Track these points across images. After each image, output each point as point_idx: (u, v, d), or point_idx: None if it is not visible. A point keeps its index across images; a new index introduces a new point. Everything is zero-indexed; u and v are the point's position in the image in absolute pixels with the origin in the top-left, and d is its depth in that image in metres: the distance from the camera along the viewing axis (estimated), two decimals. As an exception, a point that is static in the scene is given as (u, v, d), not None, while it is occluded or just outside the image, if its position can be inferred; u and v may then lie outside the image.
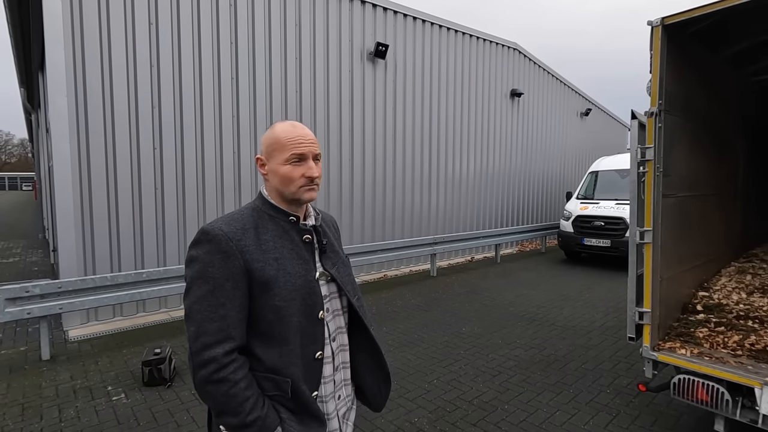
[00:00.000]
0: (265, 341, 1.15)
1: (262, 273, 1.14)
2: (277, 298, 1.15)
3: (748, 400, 2.33)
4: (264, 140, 1.23)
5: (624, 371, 3.90)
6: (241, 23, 5.97)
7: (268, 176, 1.23)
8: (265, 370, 1.15)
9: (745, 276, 3.77)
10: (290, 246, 1.22)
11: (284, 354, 1.16)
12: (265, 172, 1.23)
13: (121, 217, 5.19)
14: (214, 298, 1.09)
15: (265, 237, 1.19)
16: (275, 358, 1.15)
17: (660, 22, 2.62)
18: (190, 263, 1.13)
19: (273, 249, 1.18)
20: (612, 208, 8.69)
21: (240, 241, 1.14)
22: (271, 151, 1.21)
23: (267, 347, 1.15)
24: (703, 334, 2.80)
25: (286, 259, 1.19)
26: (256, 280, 1.14)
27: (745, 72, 4.14)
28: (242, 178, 6.16)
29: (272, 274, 1.15)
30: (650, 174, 2.65)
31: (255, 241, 1.16)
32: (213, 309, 1.09)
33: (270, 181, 1.23)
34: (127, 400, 3.39)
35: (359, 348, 1.37)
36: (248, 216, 1.21)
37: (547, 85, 12.12)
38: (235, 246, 1.13)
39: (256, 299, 1.14)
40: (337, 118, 7.19)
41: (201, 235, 1.14)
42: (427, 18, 8.43)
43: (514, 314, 5.57)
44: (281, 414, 1.15)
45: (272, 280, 1.14)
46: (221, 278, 1.10)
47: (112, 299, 4.60)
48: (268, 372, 1.15)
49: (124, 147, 5.17)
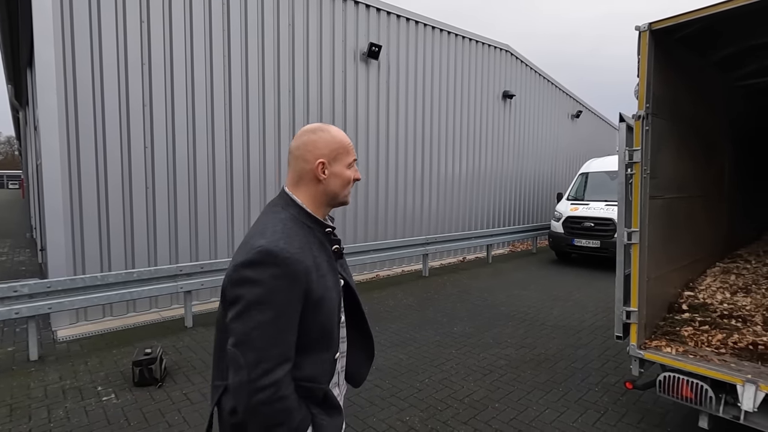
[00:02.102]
0: (304, 353, 1.15)
1: (315, 294, 1.13)
2: (323, 317, 1.16)
3: (731, 397, 2.39)
4: (324, 144, 1.20)
5: (612, 370, 3.97)
6: (234, 23, 5.95)
7: (329, 180, 1.21)
8: (302, 378, 1.16)
9: (730, 276, 3.85)
10: (326, 258, 1.21)
11: (320, 362, 1.19)
12: (326, 176, 1.21)
13: (111, 216, 5.14)
14: (279, 324, 1.06)
15: (314, 253, 1.16)
16: (313, 368, 1.17)
17: (647, 27, 2.67)
18: (249, 284, 1.06)
19: (320, 265, 1.17)
20: (602, 209, 8.80)
21: (304, 262, 1.11)
22: (336, 155, 1.21)
23: (305, 358, 1.16)
24: (688, 333, 2.86)
25: (327, 274, 1.19)
26: (311, 301, 1.13)
27: (731, 76, 4.22)
28: (234, 178, 6.14)
29: (321, 294, 1.15)
30: (637, 176, 2.71)
31: (312, 260, 1.14)
32: (276, 335, 1.06)
33: (328, 185, 1.22)
34: (117, 400, 3.37)
35: (355, 336, 1.40)
36: (298, 230, 1.16)
37: (538, 87, 12.23)
38: (301, 269, 1.09)
39: (306, 318, 1.13)
40: (330, 119, 7.20)
41: (264, 255, 1.06)
42: (420, 19, 8.47)
43: (505, 314, 5.62)
44: (312, 410, 1.18)
45: (321, 299, 1.15)
46: (286, 304, 1.07)
47: (101, 299, 4.57)
48: (304, 381, 1.16)
49: (115, 145, 5.13)
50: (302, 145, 1.21)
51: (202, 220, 5.86)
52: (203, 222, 5.87)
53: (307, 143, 1.21)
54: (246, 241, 1.14)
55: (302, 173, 1.22)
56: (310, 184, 1.22)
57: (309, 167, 1.20)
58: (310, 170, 1.21)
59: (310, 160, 1.20)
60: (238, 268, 1.08)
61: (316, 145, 1.20)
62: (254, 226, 1.20)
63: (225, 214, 6.08)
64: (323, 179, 1.21)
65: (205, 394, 3.47)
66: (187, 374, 3.82)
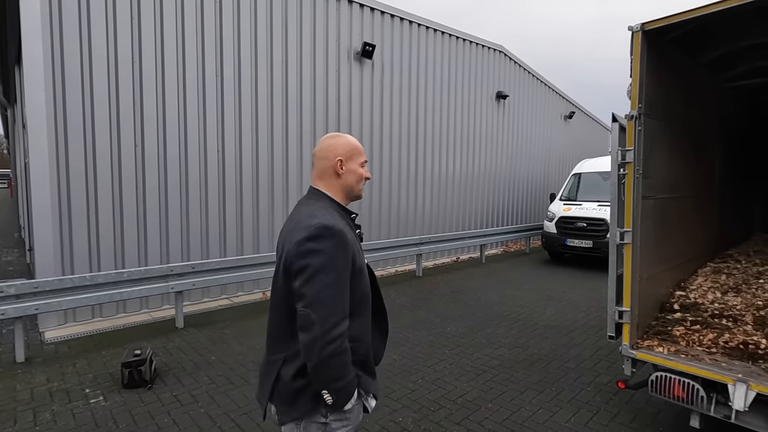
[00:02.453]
0: (351, 314, 1.37)
1: (357, 262, 1.40)
2: (363, 283, 1.43)
3: (722, 396, 2.40)
4: (341, 146, 1.50)
5: (605, 369, 3.98)
6: (227, 21, 5.90)
7: (345, 175, 1.50)
8: (350, 338, 1.36)
9: (720, 276, 3.88)
10: (355, 239, 1.47)
11: (361, 324, 1.43)
12: (344, 171, 1.49)
13: (100, 215, 5.07)
14: (340, 285, 1.31)
15: (350, 231, 1.45)
16: (357, 328, 1.41)
17: (640, 27, 2.68)
18: (313, 254, 1.30)
19: (355, 241, 1.45)
20: (594, 209, 8.85)
21: (350, 235, 1.39)
22: (351, 155, 1.51)
23: (351, 318, 1.37)
24: (680, 333, 2.87)
25: (359, 251, 1.45)
26: (355, 267, 1.39)
27: (721, 78, 4.26)
28: (227, 177, 6.08)
29: (361, 264, 1.42)
30: (630, 176, 2.71)
31: (351, 236, 1.42)
32: (339, 293, 1.31)
33: (344, 180, 1.50)
34: (105, 402, 3.31)
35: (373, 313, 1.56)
36: (335, 213, 1.44)
37: (531, 88, 12.28)
38: (349, 240, 1.36)
39: (352, 282, 1.37)
40: (324, 118, 7.16)
41: (323, 230, 1.31)
42: (414, 19, 8.46)
43: (498, 314, 5.62)
44: (357, 372, 1.41)
45: (361, 268, 1.42)
46: (344, 268, 1.33)
47: (90, 299, 4.50)
48: (351, 340, 1.37)
49: (104, 143, 5.06)
50: (324, 148, 1.51)
51: (194, 220, 5.80)
52: (195, 221, 5.81)
53: (328, 145, 1.51)
54: (298, 225, 1.38)
55: (324, 169, 1.50)
56: (331, 179, 1.50)
57: (330, 164, 1.49)
58: (331, 166, 1.49)
59: (330, 158, 1.48)
60: (302, 242, 1.31)
61: (335, 146, 1.50)
62: (298, 214, 1.44)
63: (217, 213, 6.02)
64: (341, 174, 1.50)
65: (196, 395, 3.43)
66: (177, 376, 3.77)
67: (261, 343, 4.53)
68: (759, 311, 3.06)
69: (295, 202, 6.84)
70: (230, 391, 3.51)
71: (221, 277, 5.44)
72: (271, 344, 1.48)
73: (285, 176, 6.71)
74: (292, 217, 1.47)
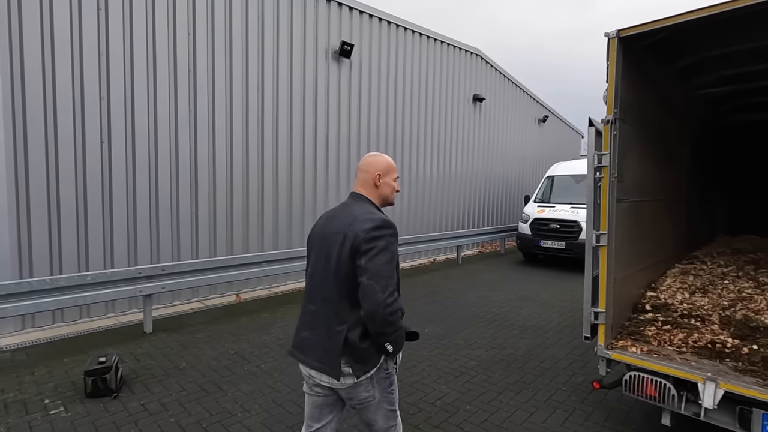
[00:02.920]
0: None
1: (397, 253, 1.78)
2: (398, 270, 1.79)
3: (692, 395, 2.46)
4: (380, 163, 1.92)
5: (579, 369, 4.05)
6: (200, 15, 5.72)
7: (382, 186, 1.91)
8: None
9: (688, 277, 4.01)
10: None
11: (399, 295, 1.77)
12: (381, 183, 1.90)
13: (63, 215, 4.81)
14: (393, 264, 1.72)
15: None
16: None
17: (616, 34, 2.73)
18: (378, 239, 1.69)
19: None
20: (567, 211, 9.05)
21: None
22: (387, 171, 1.92)
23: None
24: (652, 333, 2.94)
25: None
26: (397, 257, 1.77)
27: (689, 85, 4.42)
28: (199, 176, 5.89)
29: (397, 255, 1.79)
30: (606, 179, 2.76)
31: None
32: (393, 271, 1.71)
33: (381, 190, 1.91)
34: (66, 413, 3.13)
35: None
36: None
37: (507, 92, 12.49)
38: (397, 234, 1.79)
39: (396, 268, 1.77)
40: (300, 117, 7.05)
41: (384, 222, 1.74)
42: (392, 20, 8.45)
43: (475, 315, 5.66)
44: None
45: (398, 259, 1.79)
46: (395, 252, 1.75)
47: (51, 304, 4.25)
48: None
49: (68, 139, 4.81)
50: (367, 163, 1.92)
51: (164, 220, 5.59)
52: (165, 221, 5.60)
53: (370, 162, 1.92)
54: (359, 218, 1.75)
55: (366, 180, 1.91)
56: (370, 188, 1.91)
57: (370, 177, 1.90)
58: (371, 179, 1.90)
59: (371, 172, 1.90)
60: (369, 230, 1.70)
61: (376, 163, 1.92)
62: (352, 211, 1.81)
63: (189, 213, 5.82)
64: (379, 185, 1.91)
65: (165, 404, 3.28)
66: (145, 383, 3.61)
67: (234, 347, 4.40)
68: (724, 311, 3.17)
69: (272, 202, 6.71)
70: (202, 398, 3.38)
71: (193, 279, 5.26)
72: (333, 318, 1.76)
73: (260, 176, 6.57)
74: (347, 213, 1.82)
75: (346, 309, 1.73)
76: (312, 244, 1.93)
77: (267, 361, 4.09)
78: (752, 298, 3.37)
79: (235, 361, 4.08)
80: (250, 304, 6.01)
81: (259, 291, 6.70)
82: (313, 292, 1.85)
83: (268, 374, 3.81)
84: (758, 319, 2.98)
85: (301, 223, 7.16)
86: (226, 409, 3.23)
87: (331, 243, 1.78)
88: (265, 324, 5.14)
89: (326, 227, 1.87)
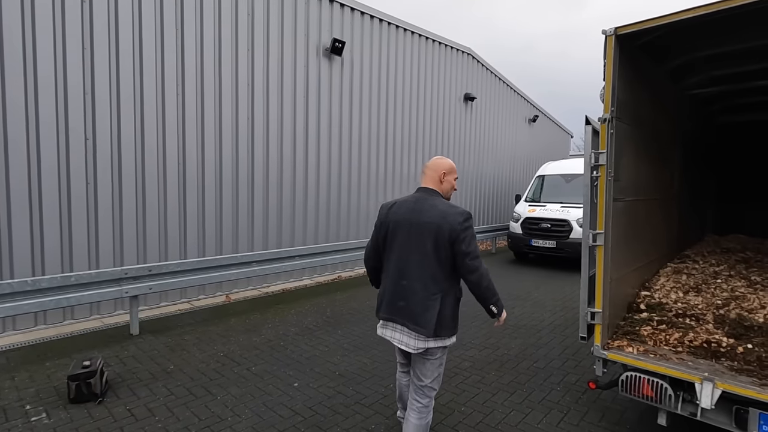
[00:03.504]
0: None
1: None
2: None
3: (689, 395, 2.45)
4: (446, 164, 2.45)
5: (572, 368, 4.04)
6: (188, 10, 5.59)
7: (444, 183, 2.42)
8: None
9: (681, 276, 4.03)
10: None
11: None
12: (444, 180, 2.42)
13: (45, 213, 4.66)
14: (477, 244, 2.29)
15: None
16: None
17: (614, 32, 2.71)
18: (469, 228, 2.25)
19: None
20: (558, 210, 9.09)
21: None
22: (450, 171, 2.45)
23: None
24: (647, 332, 2.93)
25: None
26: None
27: (681, 85, 4.44)
28: (187, 173, 5.76)
29: None
30: (603, 178, 2.73)
31: None
32: (478, 248, 2.28)
33: (443, 186, 2.43)
34: (49, 420, 3.01)
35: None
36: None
37: (498, 91, 12.51)
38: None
39: None
40: (291, 114, 6.95)
41: (468, 214, 2.28)
42: (384, 17, 8.39)
43: (467, 314, 5.61)
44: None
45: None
46: (475, 236, 2.30)
47: (33, 306, 4.10)
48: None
49: (50, 134, 4.65)
50: (434, 164, 2.45)
51: (151, 219, 5.46)
52: (152, 220, 5.47)
53: (437, 163, 2.45)
54: (447, 212, 2.26)
55: (433, 178, 2.42)
56: (437, 184, 2.42)
57: (437, 175, 2.42)
58: (437, 176, 2.42)
59: (438, 171, 2.42)
60: (462, 222, 2.22)
61: (441, 164, 2.44)
62: (435, 204, 2.31)
63: (177, 212, 5.69)
64: (443, 181, 2.43)
65: (152, 408, 3.18)
66: (131, 387, 3.50)
67: (223, 349, 4.30)
68: (718, 310, 3.18)
69: (262, 203, 6.60)
70: (191, 402, 3.29)
71: (181, 280, 5.14)
72: (431, 285, 2.26)
73: (250, 174, 6.46)
74: (432, 207, 2.30)
75: (441, 281, 2.27)
76: (395, 230, 2.35)
77: (257, 363, 4.00)
78: (745, 297, 3.39)
79: (225, 363, 3.99)
80: (239, 305, 5.91)
81: (249, 291, 6.59)
82: (406, 269, 2.30)
83: (258, 377, 3.72)
84: (752, 318, 2.99)
85: (291, 223, 7.07)
86: (216, 413, 3.14)
87: (424, 232, 2.25)
88: (256, 325, 5.05)
89: (414, 218, 2.30)
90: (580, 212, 8.04)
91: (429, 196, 2.35)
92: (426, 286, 2.25)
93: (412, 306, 2.27)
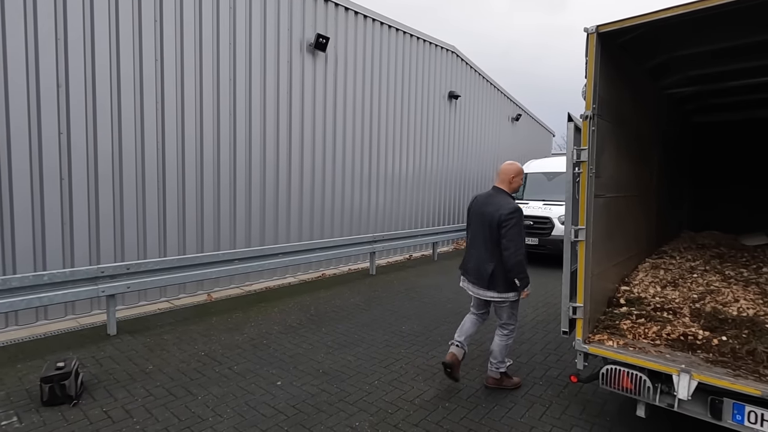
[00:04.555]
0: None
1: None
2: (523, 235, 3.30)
3: (666, 386, 2.51)
4: (515, 169, 3.44)
5: (554, 363, 4.10)
6: (167, 2, 5.45)
7: (512, 184, 3.42)
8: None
9: (659, 271, 4.12)
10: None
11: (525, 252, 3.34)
12: (512, 181, 3.41)
13: (16, 210, 4.49)
14: (521, 231, 3.23)
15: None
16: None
17: (595, 29, 2.74)
18: (512, 219, 3.18)
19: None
20: (540, 208, 9.20)
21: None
22: (518, 174, 3.44)
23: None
24: (627, 326, 2.99)
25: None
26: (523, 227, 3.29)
27: (659, 84, 4.53)
28: (167, 170, 5.63)
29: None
30: (584, 175, 2.77)
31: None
32: (520, 235, 3.22)
33: (512, 185, 3.42)
34: (20, 423, 2.90)
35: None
36: (514, 200, 3.39)
37: (482, 90, 12.59)
38: (522, 214, 3.27)
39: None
40: (275, 111, 6.86)
41: (516, 207, 3.22)
42: (368, 13, 8.34)
43: (452, 311, 5.65)
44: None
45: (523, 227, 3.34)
46: (522, 226, 3.24)
47: (3, 306, 3.95)
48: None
49: (22, 129, 4.48)
50: (506, 168, 3.45)
51: (129, 216, 5.32)
52: (130, 217, 5.33)
53: (508, 167, 3.44)
54: (501, 206, 3.25)
55: (504, 180, 3.42)
56: (507, 185, 3.41)
57: (507, 177, 3.42)
58: (508, 178, 3.42)
59: (509, 174, 3.42)
60: (507, 214, 3.19)
61: (512, 169, 3.43)
62: (497, 200, 3.33)
63: (156, 208, 5.56)
64: (510, 182, 3.42)
65: (130, 410, 3.10)
66: (108, 389, 3.40)
67: (204, 348, 4.22)
68: (694, 303, 3.26)
69: (244, 199, 6.52)
70: (170, 403, 3.21)
71: (160, 278, 5.02)
72: (488, 255, 3.32)
73: (232, 171, 6.35)
74: (495, 203, 3.31)
75: (493, 255, 3.28)
76: (473, 217, 3.51)
77: (239, 362, 3.94)
78: (720, 291, 3.48)
79: (206, 363, 3.91)
80: (221, 304, 5.81)
81: (232, 290, 6.49)
82: (475, 243, 3.46)
83: (240, 376, 3.66)
84: (726, 311, 3.07)
85: (274, 220, 6.98)
86: (197, 413, 3.08)
87: (486, 218, 3.31)
88: (238, 324, 4.97)
89: (483, 208, 3.38)
90: (562, 210, 8.15)
91: (496, 193, 3.39)
92: (482, 256, 3.34)
93: (475, 267, 3.41)
